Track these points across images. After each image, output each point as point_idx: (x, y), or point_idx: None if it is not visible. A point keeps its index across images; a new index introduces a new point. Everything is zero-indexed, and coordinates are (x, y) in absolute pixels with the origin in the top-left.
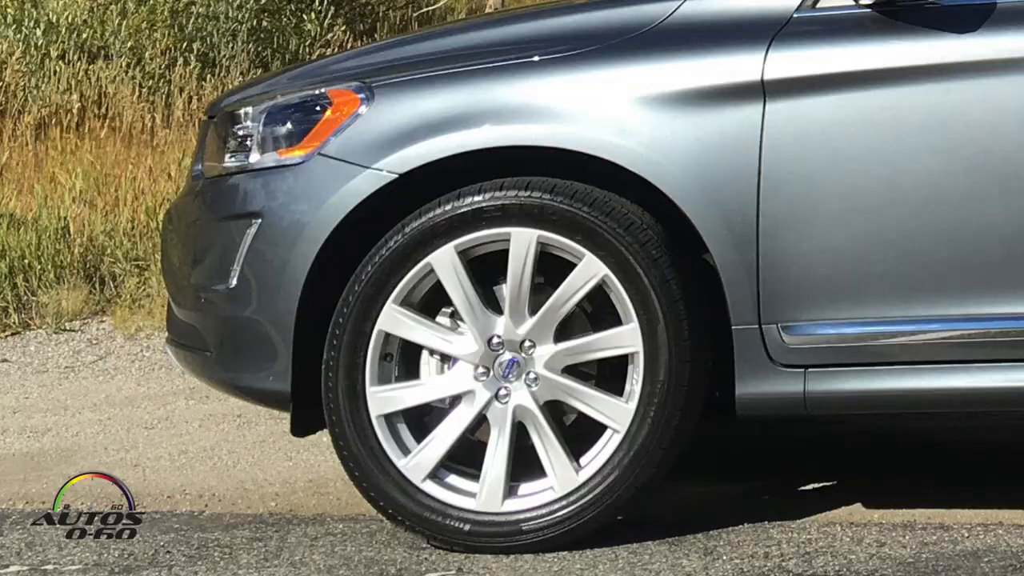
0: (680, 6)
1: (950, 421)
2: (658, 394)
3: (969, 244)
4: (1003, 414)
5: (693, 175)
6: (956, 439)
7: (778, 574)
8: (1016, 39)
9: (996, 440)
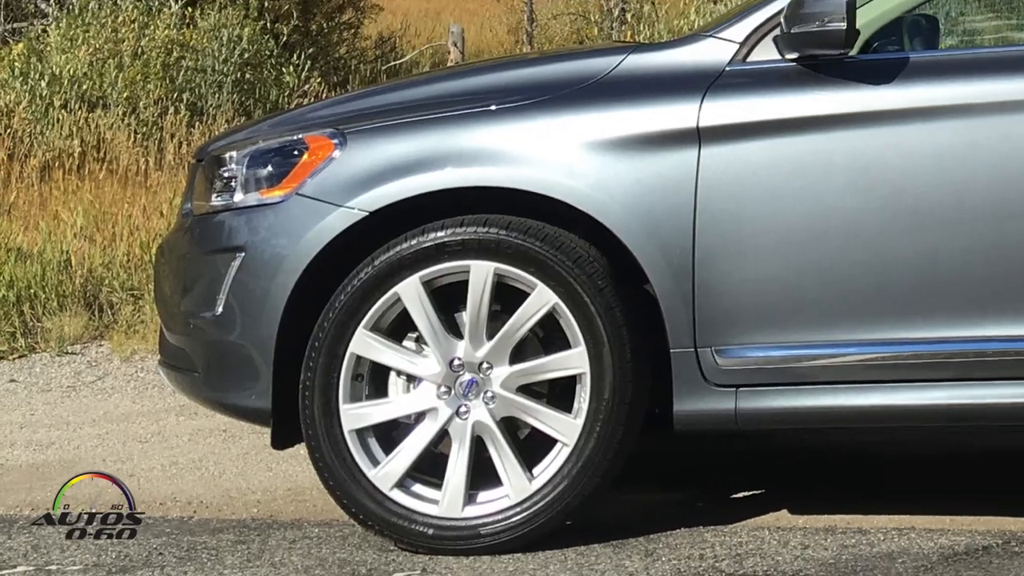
0: (623, 60)
1: (871, 436)
2: (603, 411)
3: (884, 275)
4: (917, 429)
5: (635, 212)
6: (876, 452)
7: (712, 574)
8: (926, 90)
9: (910, 452)
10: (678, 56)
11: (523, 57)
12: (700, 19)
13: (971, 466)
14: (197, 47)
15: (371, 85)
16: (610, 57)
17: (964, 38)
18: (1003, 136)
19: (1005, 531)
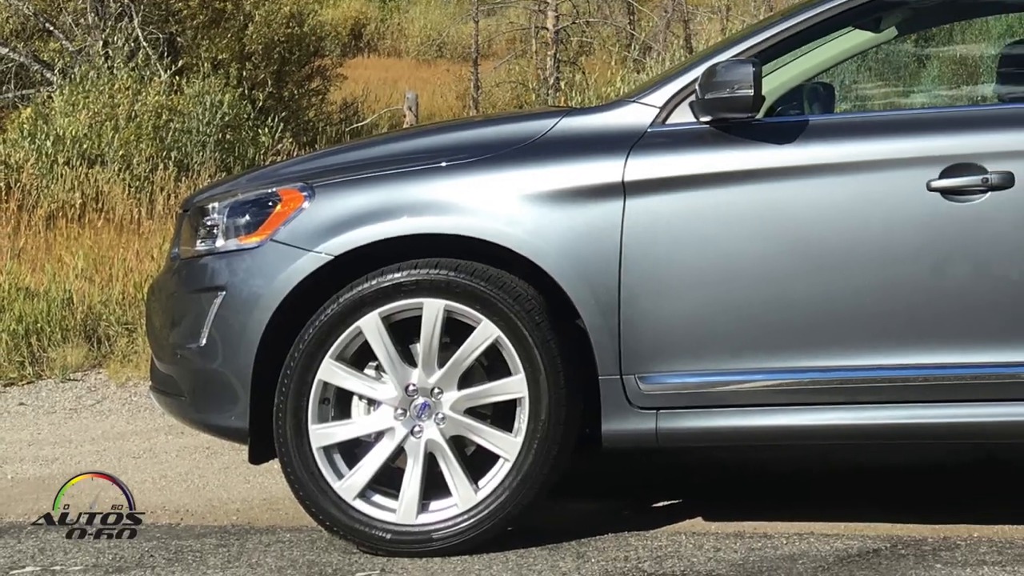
0: (557, 123)
1: (776, 452)
2: (540, 431)
3: (787, 312)
4: (815, 445)
5: (568, 256)
6: (780, 466)
7: (635, 574)
8: (823, 149)
9: (809, 466)
10: (605, 119)
11: (470, 120)
12: (625, 86)
13: (862, 479)
14: (184, 111)
15: (336, 144)
16: (546, 120)
17: (856, 103)
18: (889, 189)
19: (892, 536)
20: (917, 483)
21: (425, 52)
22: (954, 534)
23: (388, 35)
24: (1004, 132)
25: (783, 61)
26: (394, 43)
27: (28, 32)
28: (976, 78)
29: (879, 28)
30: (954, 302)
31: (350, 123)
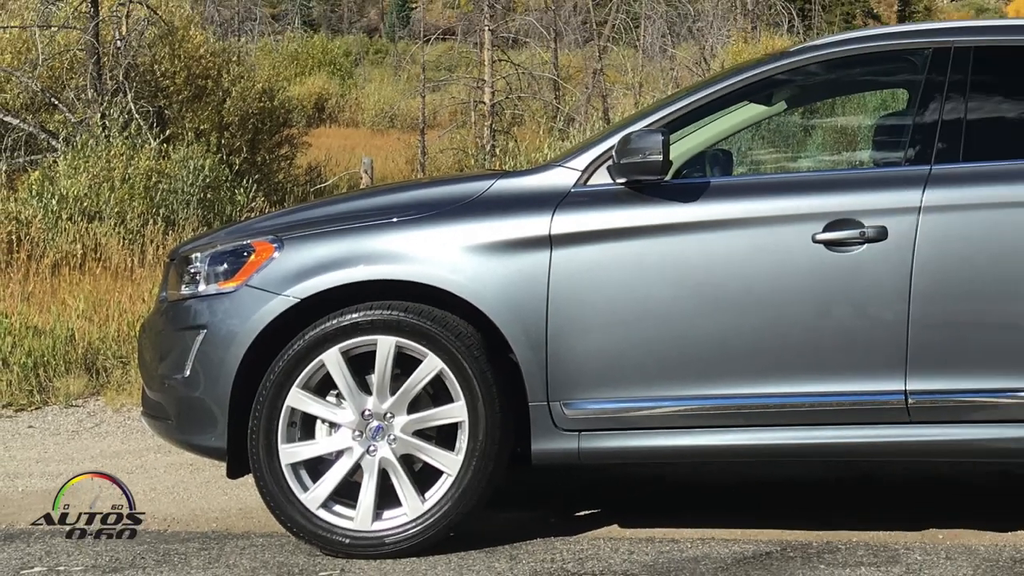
0: (493, 184)
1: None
2: (478, 450)
3: (691, 347)
4: (715, 461)
5: (502, 299)
6: (685, 479)
7: (561, 573)
8: (722, 206)
9: (710, 480)
10: (535, 181)
11: (417, 181)
12: (551, 152)
13: (757, 491)
14: (170, 174)
15: (302, 202)
16: (483, 181)
17: (752, 167)
18: (779, 241)
19: (782, 540)
20: (804, 494)
21: (379, 123)
22: (836, 539)
23: (347, 108)
24: (878, 192)
25: (688, 130)
26: (352, 115)
27: (36, 106)
28: (854, 145)
29: (771, 102)
30: (835, 340)
31: (314, 184)
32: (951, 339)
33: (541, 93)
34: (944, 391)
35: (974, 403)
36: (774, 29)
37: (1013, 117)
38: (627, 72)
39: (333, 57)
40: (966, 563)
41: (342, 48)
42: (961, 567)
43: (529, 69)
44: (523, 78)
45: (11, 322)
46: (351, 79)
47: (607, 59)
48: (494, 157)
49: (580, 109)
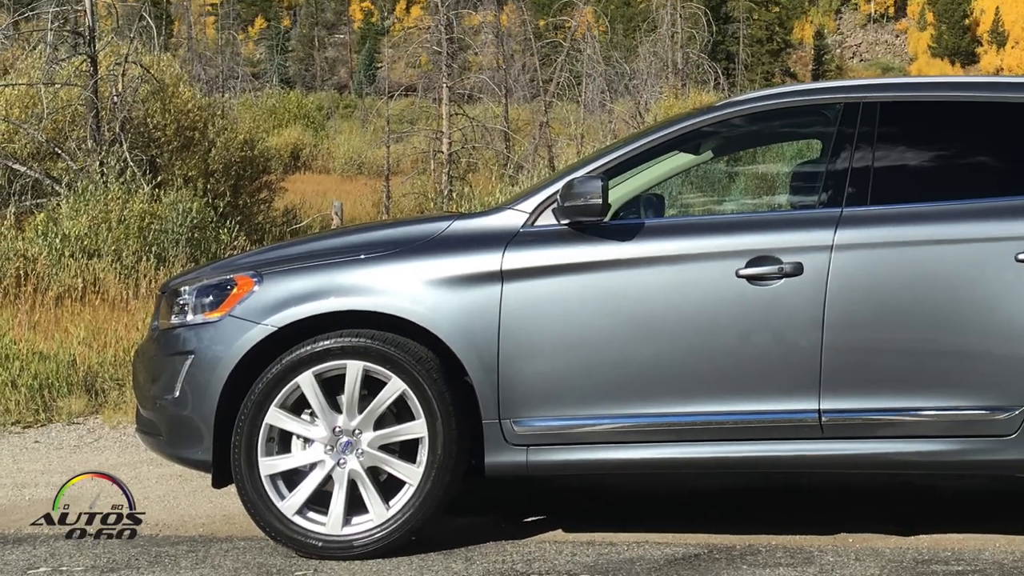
0: (451, 225)
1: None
2: (436, 463)
3: (627, 371)
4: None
5: (458, 328)
6: (623, 488)
7: (511, 573)
8: (655, 244)
9: (645, 489)
10: (488, 222)
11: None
12: (502, 196)
13: (686, 499)
14: (161, 216)
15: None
16: (441, 222)
17: (682, 209)
18: (706, 276)
19: (709, 543)
20: (729, 502)
21: (348, 170)
22: (757, 542)
23: (319, 157)
24: (795, 232)
25: (625, 176)
26: (324, 163)
27: (42, 155)
28: (773, 190)
29: (699, 151)
30: (756, 364)
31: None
32: (860, 364)
33: (493, 143)
34: (854, 410)
35: (881, 421)
36: (702, 86)
37: (915, 165)
38: (570, 124)
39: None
40: (873, 564)
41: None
42: (869, 567)
43: (482, 122)
44: (477, 130)
45: (19, 348)
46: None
47: (552, 113)
48: (451, 201)
49: (528, 157)
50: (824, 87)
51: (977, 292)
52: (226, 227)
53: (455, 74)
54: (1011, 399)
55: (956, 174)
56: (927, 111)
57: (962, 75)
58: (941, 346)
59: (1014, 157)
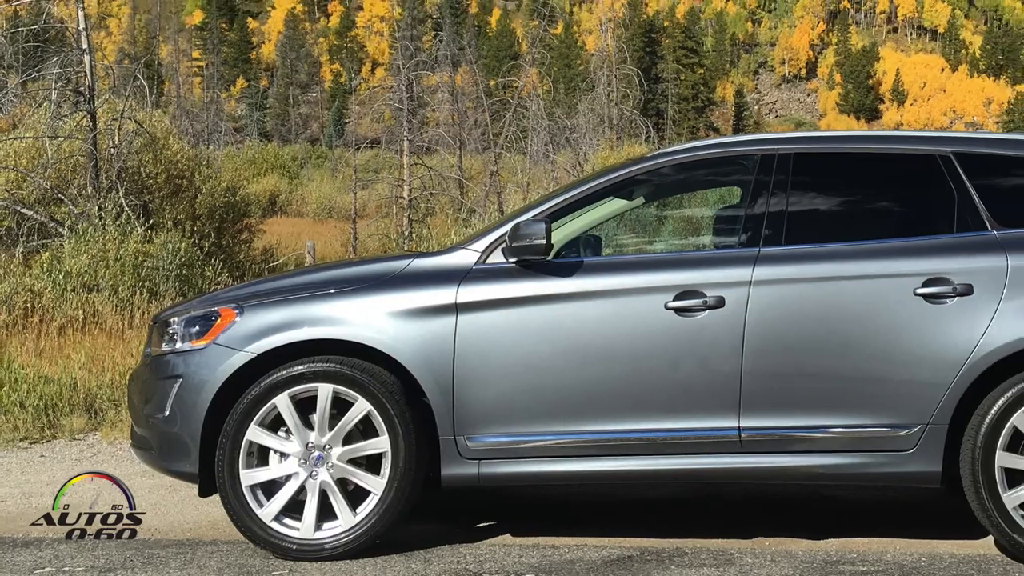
0: (411, 262)
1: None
2: (398, 475)
3: (567, 393)
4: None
5: (418, 354)
6: (565, 497)
7: (464, 572)
8: (592, 280)
9: (584, 498)
10: (444, 260)
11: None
12: (457, 237)
13: (621, 507)
14: (153, 254)
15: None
16: (403, 261)
17: (617, 249)
18: (638, 308)
19: (641, 546)
20: (660, 510)
21: (320, 214)
22: (684, 545)
23: (294, 202)
24: (718, 269)
25: (566, 220)
26: (298, 207)
27: (46, 200)
28: (699, 231)
29: (632, 197)
30: (682, 387)
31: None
32: (775, 387)
33: (449, 190)
34: (770, 428)
35: (794, 437)
36: (634, 139)
37: (824, 209)
38: (517, 173)
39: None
40: (787, 565)
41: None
42: (783, 568)
43: (439, 171)
44: (434, 178)
45: (26, 372)
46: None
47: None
48: (411, 241)
49: (480, 203)
50: (743, 140)
51: (880, 323)
52: (211, 265)
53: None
54: (910, 418)
55: (861, 217)
56: (835, 161)
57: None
58: (848, 371)
59: (912, 202)
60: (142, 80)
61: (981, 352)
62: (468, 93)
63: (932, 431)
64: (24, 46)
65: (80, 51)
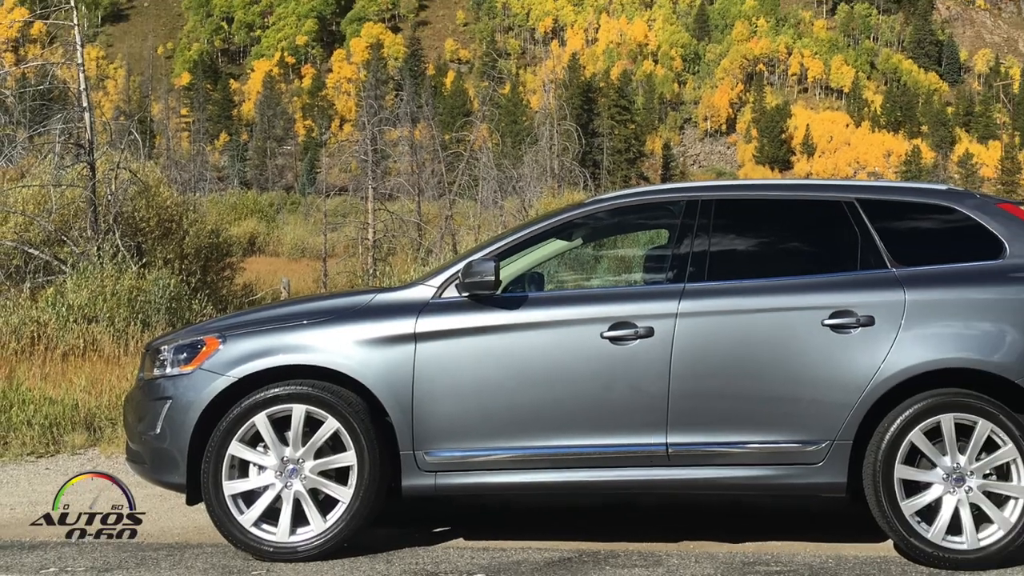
0: (375, 296)
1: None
2: (364, 485)
3: (513, 412)
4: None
5: (382, 379)
6: (514, 504)
7: (423, 572)
8: (536, 312)
9: (530, 505)
10: (404, 294)
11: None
12: (416, 274)
13: (563, 513)
14: (146, 289)
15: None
16: (368, 295)
17: (558, 284)
18: (577, 337)
19: (580, 549)
20: (597, 516)
21: (294, 253)
22: (618, 548)
23: (271, 242)
24: (648, 302)
25: (513, 258)
26: (275, 248)
27: (51, 241)
28: (631, 269)
29: (571, 239)
30: (616, 407)
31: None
32: (699, 407)
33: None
34: (694, 443)
35: (716, 452)
36: (573, 187)
37: (742, 249)
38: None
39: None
40: (709, 565)
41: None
42: (706, 568)
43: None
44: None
45: (33, 395)
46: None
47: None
48: (375, 277)
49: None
50: (670, 188)
51: (791, 350)
52: (197, 299)
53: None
54: (818, 435)
55: (775, 256)
56: (751, 207)
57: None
58: (763, 393)
59: (820, 243)
60: (136, 135)
61: (882, 376)
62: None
63: (838, 446)
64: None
65: (81, 109)
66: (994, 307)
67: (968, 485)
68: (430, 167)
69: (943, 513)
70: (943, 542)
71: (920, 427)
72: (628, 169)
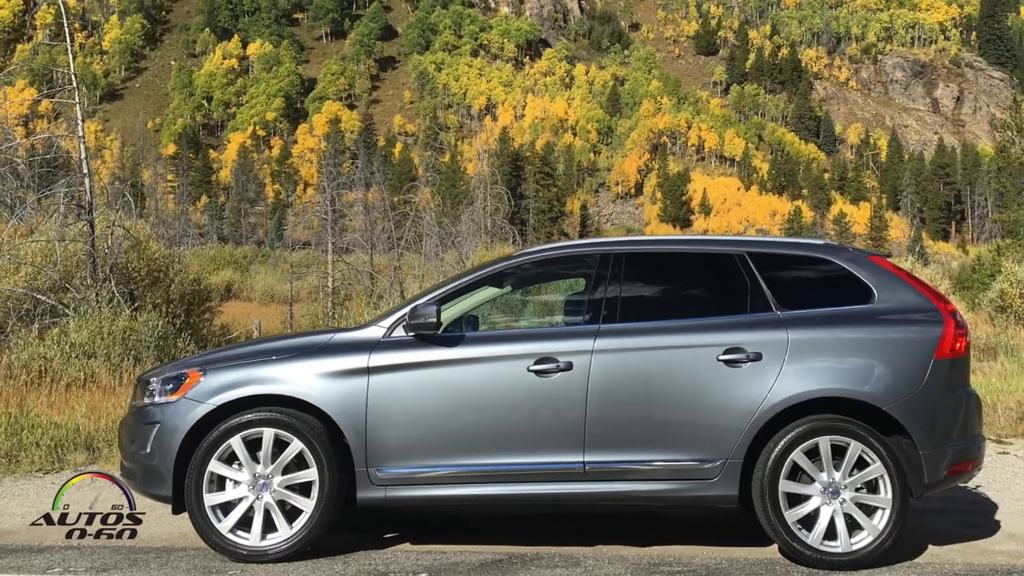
0: (334, 336)
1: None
2: (324, 497)
3: (453, 434)
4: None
5: (340, 406)
6: (457, 516)
7: (375, 571)
8: (473, 349)
9: (472, 515)
10: (359, 334)
11: (288, 334)
12: (369, 316)
13: (496, 522)
14: (137, 330)
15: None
16: (328, 334)
17: (491, 325)
18: (507, 370)
19: (509, 552)
20: (524, 524)
21: (264, 298)
22: (542, 551)
23: (245, 289)
24: (568, 341)
25: (452, 303)
26: (248, 294)
27: (56, 288)
28: (553, 312)
29: (502, 286)
30: (541, 430)
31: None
32: (611, 430)
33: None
34: (607, 461)
35: (626, 468)
36: (504, 241)
37: (649, 295)
38: (415, 268)
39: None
40: (621, 566)
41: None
42: (617, 568)
43: (355, 266)
44: (351, 272)
45: (41, 420)
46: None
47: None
48: (334, 319)
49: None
50: (587, 242)
51: (691, 382)
52: (181, 337)
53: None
54: (714, 454)
55: (677, 301)
56: (656, 258)
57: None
58: (667, 418)
59: (715, 289)
60: (129, 197)
61: (768, 404)
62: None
63: (731, 464)
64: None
65: (82, 175)
66: (864, 344)
67: (842, 497)
68: (381, 224)
69: (821, 521)
70: (821, 546)
71: (801, 447)
72: (551, 226)
